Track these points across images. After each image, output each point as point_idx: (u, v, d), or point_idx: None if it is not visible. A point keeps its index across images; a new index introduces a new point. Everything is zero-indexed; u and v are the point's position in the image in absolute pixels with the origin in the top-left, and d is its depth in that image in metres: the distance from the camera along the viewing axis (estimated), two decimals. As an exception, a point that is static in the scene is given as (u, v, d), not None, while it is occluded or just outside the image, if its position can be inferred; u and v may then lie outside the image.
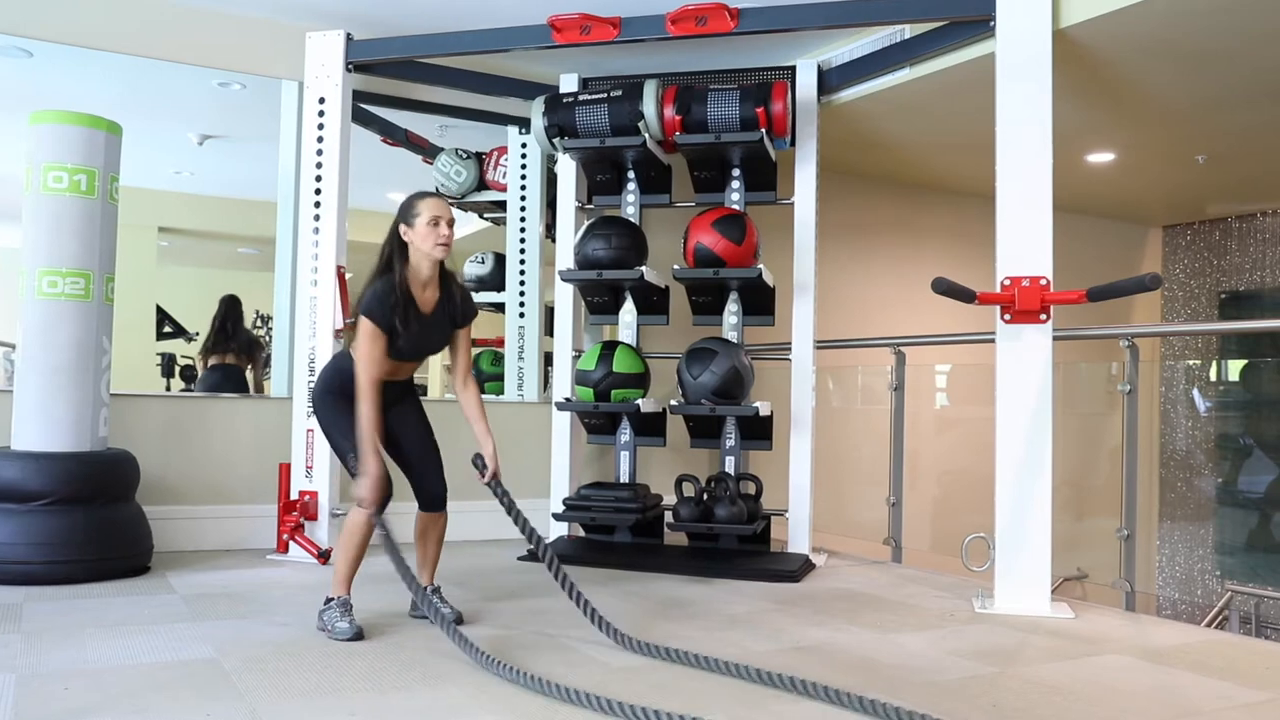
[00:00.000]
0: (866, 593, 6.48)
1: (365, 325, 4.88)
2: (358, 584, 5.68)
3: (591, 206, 8.14)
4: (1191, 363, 12.91)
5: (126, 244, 6.87)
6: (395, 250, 5.02)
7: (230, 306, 9.54)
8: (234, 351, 9.42)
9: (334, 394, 5.05)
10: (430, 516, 5.38)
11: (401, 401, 5.29)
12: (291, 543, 7.13)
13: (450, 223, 5.02)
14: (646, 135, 7.36)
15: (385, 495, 4.95)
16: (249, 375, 9.45)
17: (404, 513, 5.27)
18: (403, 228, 5.00)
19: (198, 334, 9.51)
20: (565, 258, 7.91)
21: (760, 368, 7.70)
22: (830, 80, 7.93)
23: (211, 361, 9.39)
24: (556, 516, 7.56)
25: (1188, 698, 4.29)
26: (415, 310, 5.01)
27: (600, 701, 3.89)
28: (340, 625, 4.92)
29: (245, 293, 9.68)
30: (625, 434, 7.83)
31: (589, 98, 7.54)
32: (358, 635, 4.90)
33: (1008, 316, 6.00)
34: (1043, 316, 5.94)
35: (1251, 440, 10.29)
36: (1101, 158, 10.09)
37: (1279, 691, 4.43)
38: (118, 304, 6.69)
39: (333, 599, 5.04)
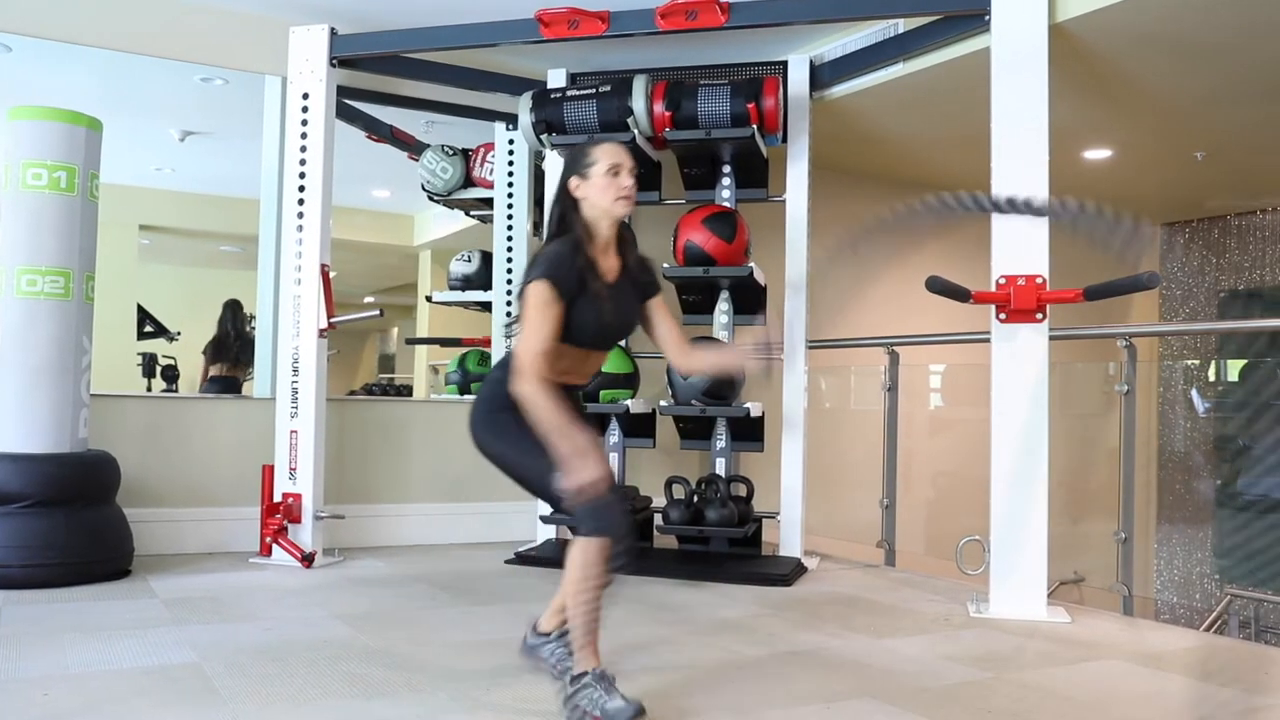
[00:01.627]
0: (859, 596, 6.49)
1: (539, 292, 3.85)
2: (342, 584, 5.68)
3: (580, 204, 8.11)
4: (1190, 363, 12.93)
5: (107, 242, 6.87)
6: (568, 209, 4.11)
7: (234, 312, 9.57)
8: (238, 363, 9.48)
9: (507, 410, 3.91)
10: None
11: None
12: (275, 546, 7.11)
13: (632, 171, 4.11)
14: (636, 131, 7.35)
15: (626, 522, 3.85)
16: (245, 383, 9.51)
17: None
18: (574, 181, 4.09)
19: (179, 333, 9.53)
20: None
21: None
22: (823, 75, 7.94)
23: (213, 372, 9.43)
24: (544, 519, 7.57)
25: (1186, 703, 4.30)
26: (598, 278, 4.05)
27: None
28: (613, 705, 3.69)
29: (226, 292, 9.69)
30: (614, 435, 7.83)
31: (577, 93, 7.54)
32: (639, 711, 3.68)
33: (1003, 316, 6.01)
34: (1039, 316, 5.95)
35: (1251, 441, 10.31)
36: (1099, 154, 10.12)
37: (1278, 697, 4.45)
38: (98, 303, 6.68)
39: (584, 675, 3.81)
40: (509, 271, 8.84)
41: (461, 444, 5.12)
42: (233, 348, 9.59)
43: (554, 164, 8.07)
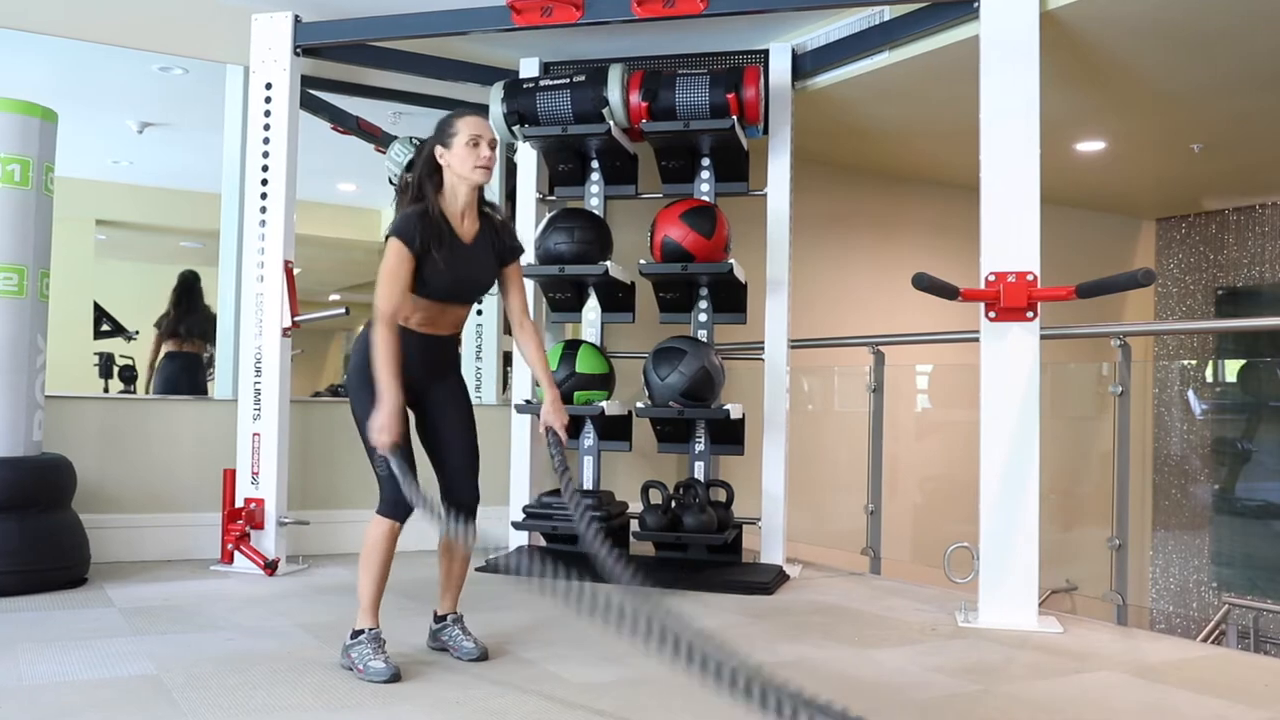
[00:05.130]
0: (843, 606, 6.51)
1: (390, 246, 4.56)
2: (307, 593, 5.69)
3: (553, 198, 8.15)
4: (1186, 363, 12.97)
5: (62, 237, 6.87)
6: (426, 176, 4.73)
7: (188, 285, 9.50)
8: (193, 336, 9.39)
9: (370, 386, 4.57)
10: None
11: (446, 375, 4.96)
12: (236, 553, 7.12)
13: (492, 143, 4.74)
14: (611, 123, 7.37)
15: (405, 440, 4.62)
16: (207, 357, 9.40)
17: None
18: (438, 150, 4.72)
19: (137, 332, 9.49)
20: (525, 253, 7.89)
21: (731, 368, 7.72)
22: (805, 65, 7.95)
23: (168, 349, 9.35)
24: (516, 525, 7.57)
25: (1183, 716, 4.32)
26: (452, 237, 4.71)
27: None
28: (375, 665, 4.53)
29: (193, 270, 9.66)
30: (589, 438, 7.84)
31: (550, 83, 7.54)
32: (394, 677, 4.50)
33: (993, 314, 6.03)
34: (1029, 314, 5.97)
35: (1250, 444, 10.35)
36: (1092, 147, 10.15)
37: (1279, 710, 4.47)
38: (53, 301, 6.68)
39: (361, 632, 4.66)
40: (480, 268, 8.84)
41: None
42: (183, 317, 9.46)
43: (526, 156, 8.09)
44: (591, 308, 7.89)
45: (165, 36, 7.64)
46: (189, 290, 9.54)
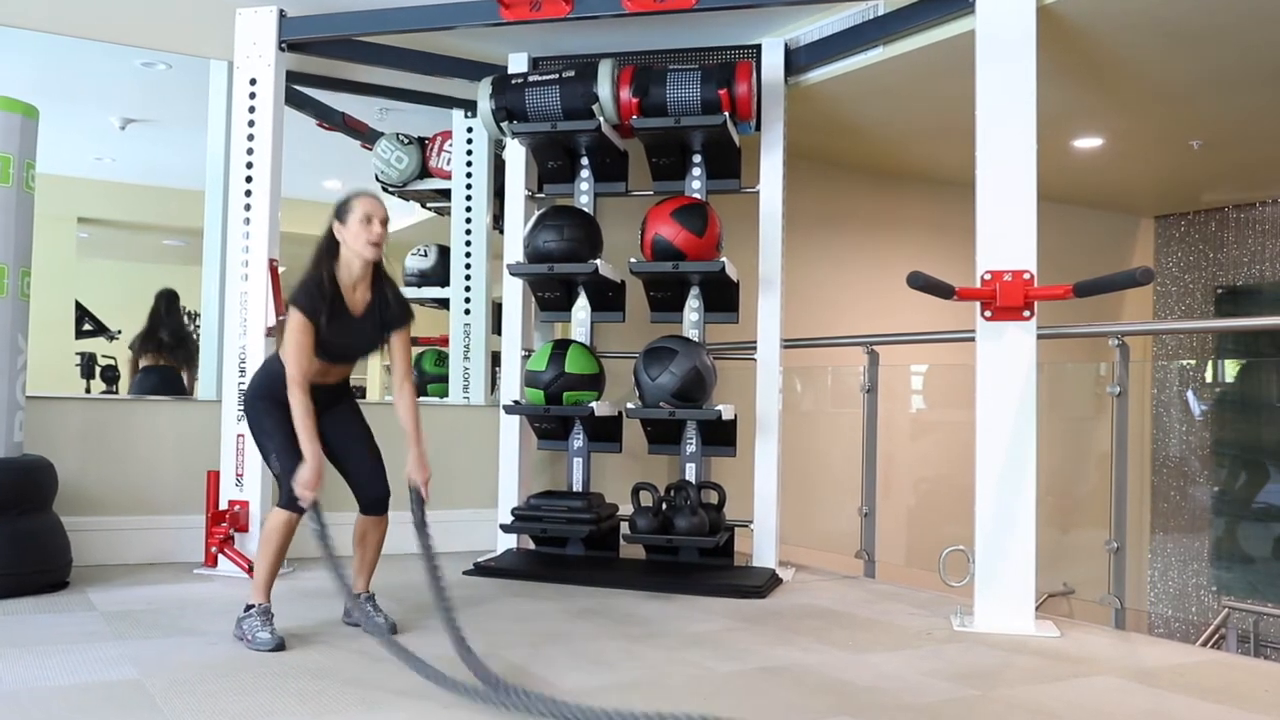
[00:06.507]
0: (837, 609, 6.51)
1: (293, 316, 5.16)
2: (293, 597, 5.68)
3: (542, 195, 8.15)
4: (1186, 363, 12.96)
5: (43, 236, 6.85)
6: (325, 248, 5.34)
7: (167, 303, 9.47)
8: (169, 351, 9.35)
9: (265, 399, 5.34)
10: (370, 520, 5.63)
11: (337, 403, 5.57)
12: (221, 556, 7.11)
13: (384, 221, 5.35)
14: (601, 119, 7.37)
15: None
16: (185, 377, 9.37)
17: (343, 523, 5.26)
18: (335, 225, 5.32)
19: (119, 332, 9.47)
20: (514, 250, 7.90)
21: (723, 368, 7.71)
22: (798, 60, 7.95)
23: (144, 363, 9.31)
24: (505, 528, 7.57)
25: None
26: (343, 307, 5.33)
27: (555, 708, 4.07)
28: (261, 635, 5.11)
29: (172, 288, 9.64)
30: (578, 439, 7.84)
31: (539, 79, 7.54)
32: (279, 646, 5.09)
33: (989, 313, 6.03)
34: (1026, 313, 5.97)
35: (1250, 445, 10.34)
36: (1089, 143, 10.15)
37: (1279, 715, 4.47)
38: (34, 300, 6.67)
39: (253, 606, 5.24)
40: (467, 267, 8.84)
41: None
42: (162, 338, 9.42)
43: (515, 153, 8.08)
44: (581, 307, 7.89)
45: (148, 31, 7.63)
46: (170, 307, 9.49)
